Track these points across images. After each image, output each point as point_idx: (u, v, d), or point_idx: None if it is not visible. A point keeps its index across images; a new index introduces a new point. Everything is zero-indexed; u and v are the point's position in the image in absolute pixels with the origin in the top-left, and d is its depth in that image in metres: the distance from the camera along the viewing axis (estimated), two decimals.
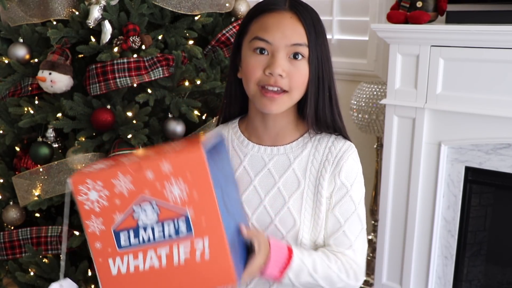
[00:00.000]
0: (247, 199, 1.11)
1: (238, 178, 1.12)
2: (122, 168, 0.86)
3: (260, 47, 1.03)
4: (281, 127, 1.12)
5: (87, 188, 0.88)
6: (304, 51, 1.03)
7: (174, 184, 0.86)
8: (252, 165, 1.13)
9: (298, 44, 1.02)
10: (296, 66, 1.03)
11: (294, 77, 1.03)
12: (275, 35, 1.02)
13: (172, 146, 0.98)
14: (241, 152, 1.14)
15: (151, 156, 0.92)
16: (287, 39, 1.02)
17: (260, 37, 1.03)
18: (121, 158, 0.97)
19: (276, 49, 1.02)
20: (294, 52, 1.02)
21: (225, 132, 1.18)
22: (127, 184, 0.87)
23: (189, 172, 0.85)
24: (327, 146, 1.10)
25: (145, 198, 0.87)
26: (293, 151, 1.11)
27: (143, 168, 0.86)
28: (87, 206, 0.88)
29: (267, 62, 1.03)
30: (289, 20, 1.03)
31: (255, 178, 1.12)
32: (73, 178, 0.88)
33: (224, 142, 1.02)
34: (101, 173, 0.88)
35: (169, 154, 0.87)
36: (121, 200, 0.88)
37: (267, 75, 1.02)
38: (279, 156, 1.11)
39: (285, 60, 1.03)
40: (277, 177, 1.11)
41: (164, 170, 0.85)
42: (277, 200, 1.10)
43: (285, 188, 1.10)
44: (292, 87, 1.03)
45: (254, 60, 1.04)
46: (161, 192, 0.86)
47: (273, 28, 1.02)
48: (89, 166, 0.94)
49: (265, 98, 1.04)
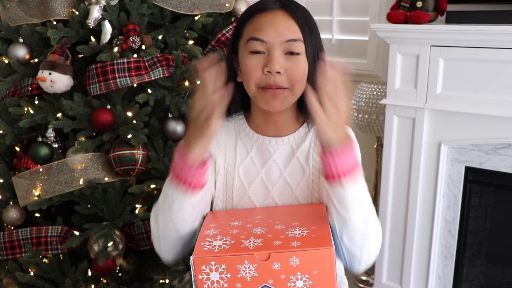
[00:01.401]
0: (255, 191, 1.12)
1: (245, 170, 1.13)
2: (249, 256, 0.86)
3: (256, 47, 1.04)
4: (283, 122, 1.13)
5: (209, 269, 0.87)
6: (299, 46, 1.03)
7: (299, 279, 0.87)
8: (258, 156, 1.14)
9: (293, 39, 1.03)
10: (293, 61, 1.04)
11: (292, 72, 1.03)
12: (269, 33, 1.03)
13: (300, 215, 1.00)
14: (247, 143, 1.15)
15: (278, 237, 0.90)
16: (281, 36, 1.03)
17: (255, 37, 1.04)
18: (247, 222, 0.97)
19: (272, 47, 1.03)
20: (289, 48, 1.03)
21: (231, 124, 1.18)
22: (251, 271, 0.87)
23: (316, 269, 0.86)
24: None
25: (268, 287, 0.88)
26: (295, 140, 1.13)
27: (271, 259, 0.86)
28: (206, 285, 0.88)
29: (264, 61, 1.03)
30: (281, 18, 1.04)
31: (262, 169, 1.13)
32: (195, 256, 0.88)
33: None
34: (227, 257, 0.87)
35: (299, 246, 0.86)
36: (243, 285, 0.88)
37: (266, 74, 1.03)
38: (283, 146, 1.13)
39: (282, 56, 1.03)
40: (282, 168, 1.12)
41: (292, 263, 0.86)
42: (284, 191, 1.11)
43: (291, 177, 1.11)
44: (292, 82, 1.04)
45: (252, 61, 1.04)
46: (284, 284, 0.87)
47: (266, 27, 1.03)
48: (210, 237, 0.92)
49: (267, 95, 1.04)
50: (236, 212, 1.10)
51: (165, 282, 1.76)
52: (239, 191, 1.13)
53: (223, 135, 1.16)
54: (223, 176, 1.14)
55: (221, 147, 1.15)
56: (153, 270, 1.83)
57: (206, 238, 0.92)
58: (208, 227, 0.97)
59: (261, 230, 0.94)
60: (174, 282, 1.75)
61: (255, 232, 0.93)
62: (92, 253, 1.66)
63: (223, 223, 0.99)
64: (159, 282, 1.76)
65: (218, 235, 0.93)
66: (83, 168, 1.64)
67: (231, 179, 1.14)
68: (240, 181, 1.13)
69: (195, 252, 0.88)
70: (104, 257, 1.62)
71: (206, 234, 0.94)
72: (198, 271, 0.88)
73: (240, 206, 1.13)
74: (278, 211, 1.07)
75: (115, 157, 1.62)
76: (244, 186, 1.13)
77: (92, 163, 1.65)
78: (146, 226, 1.69)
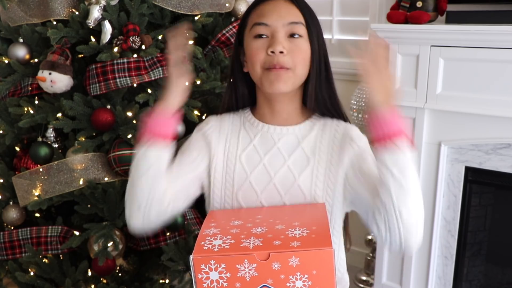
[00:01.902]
0: (256, 177, 1.12)
1: (247, 157, 1.14)
2: (249, 256, 0.87)
3: (260, 31, 1.10)
4: (288, 112, 1.15)
5: (209, 268, 0.88)
6: (301, 29, 1.10)
7: (298, 279, 0.87)
8: (261, 144, 1.15)
9: (294, 22, 1.09)
10: (295, 43, 1.09)
11: (295, 53, 1.08)
12: (272, 17, 1.09)
13: (300, 215, 1.01)
14: (251, 132, 1.17)
15: (278, 237, 0.91)
16: (283, 19, 1.09)
17: (258, 21, 1.10)
18: (247, 221, 0.97)
19: (275, 30, 1.09)
20: (292, 30, 1.09)
21: (237, 116, 1.21)
22: (251, 271, 0.87)
23: (316, 269, 0.86)
24: (333, 127, 1.15)
25: (267, 286, 0.88)
26: (301, 131, 1.15)
27: (271, 259, 0.87)
28: (206, 285, 0.89)
29: (268, 43, 1.09)
30: (283, 3, 1.11)
31: (265, 156, 1.14)
32: (195, 256, 0.88)
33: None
34: (226, 257, 0.87)
35: (298, 246, 0.87)
36: (242, 284, 0.88)
37: (270, 55, 1.08)
38: (288, 136, 1.15)
39: (285, 39, 1.09)
40: (286, 156, 1.13)
41: (291, 263, 0.86)
42: (286, 178, 1.11)
43: (294, 166, 1.12)
44: (295, 63, 1.09)
45: (256, 44, 1.10)
46: (283, 284, 0.87)
47: (269, 12, 1.10)
48: (210, 236, 0.93)
49: (271, 75, 1.08)
50: (237, 212, 1.10)
51: (165, 282, 1.76)
52: (240, 177, 1.13)
53: (226, 125, 1.18)
54: (222, 162, 1.15)
55: (223, 136, 1.17)
56: (153, 270, 1.83)
57: (206, 237, 0.92)
58: (208, 227, 0.97)
59: (261, 230, 0.94)
60: (174, 282, 1.75)
61: (255, 232, 0.93)
62: (92, 253, 1.66)
63: (223, 222, 1.00)
64: (159, 282, 1.76)
65: (218, 234, 0.93)
66: (83, 168, 1.64)
67: (232, 166, 1.14)
68: (241, 167, 1.14)
69: (194, 251, 0.89)
70: (104, 257, 1.62)
71: (206, 233, 0.94)
72: (197, 270, 0.88)
73: (241, 192, 1.13)
74: (278, 211, 1.07)
75: (115, 157, 1.62)
76: (246, 172, 1.13)
77: (92, 163, 1.65)
78: None
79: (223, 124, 1.18)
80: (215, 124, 1.19)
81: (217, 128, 1.18)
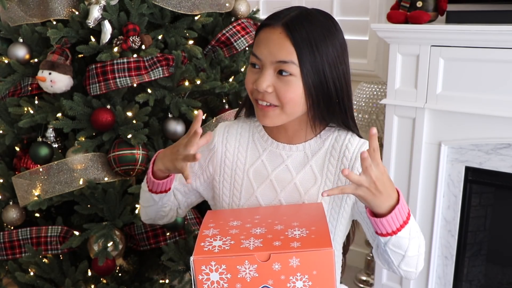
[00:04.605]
0: (263, 192, 1.13)
1: (255, 172, 1.14)
2: (249, 257, 0.87)
3: (253, 62, 1.06)
4: (294, 130, 1.13)
5: (209, 270, 0.88)
6: (291, 68, 1.01)
7: (299, 279, 0.87)
8: (270, 160, 1.14)
9: (283, 61, 1.01)
10: (283, 82, 1.02)
11: (281, 92, 1.03)
12: (263, 51, 1.03)
13: (299, 214, 1.01)
14: (260, 146, 1.16)
15: (278, 238, 0.91)
16: (272, 56, 1.02)
17: (253, 52, 1.06)
18: (246, 222, 0.98)
19: (264, 65, 1.04)
20: (280, 68, 1.02)
21: (246, 125, 1.19)
22: (251, 272, 0.88)
23: (316, 269, 0.87)
24: (344, 144, 1.11)
25: (267, 287, 0.88)
26: (311, 148, 1.13)
27: (271, 260, 0.87)
28: (206, 286, 0.89)
29: (256, 77, 1.05)
30: (277, 36, 1.02)
31: (272, 172, 1.13)
32: (195, 257, 0.88)
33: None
34: (227, 258, 0.88)
35: (299, 247, 0.87)
36: (243, 285, 0.88)
37: (256, 89, 1.05)
38: (298, 153, 1.13)
39: (272, 75, 1.03)
40: (294, 173, 1.12)
41: (292, 264, 0.87)
42: (292, 195, 1.11)
43: (301, 184, 1.12)
44: (282, 102, 1.04)
45: (249, 73, 1.08)
46: (284, 284, 0.88)
47: (262, 44, 1.04)
48: (209, 237, 0.93)
49: (259, 111, 1.08)
50: (235, 212, 1.10)
51: (165, 282, 1.76)
52: (247, 191, 1.14)
53: (234, 135, 1.18)
54: (230, 177, 1.16)
55: (231, 147, 1.17)
56: (153, 270, 1.83)
57: (206, 238, 0.92)
58: (207, 227, 0.97)
59: (261, 231, 0.94)
60: (174, 282, 1.74)
61: (254, 233, 0.93)
62: (92, 253, 1.66)
63: (222, 222, 1.00)
64: (159, 282, 1.76)
65: (218, 235, 0.93)
66: (83, 168, 1.64)
67: (240, 180, 1.15)
68: (249, 182, 1.14)
69: (195, 252, 0.89)
70: (104, 257, 1.62)
71: (206, 234, 0.94)
72: (198, 272, 0.88)
73: (247, 206, 1.14)
74: (276, 211, 1.07)
75: (115, 157, 1.62)
76: (253, 187, 1.14)
77: (92, 163, 1.65)
78: (146, 226, 1.69)
79: (230, 135, 1.17)
80: (221, 138, 1.18)
81: (224, 138, 1.17)
